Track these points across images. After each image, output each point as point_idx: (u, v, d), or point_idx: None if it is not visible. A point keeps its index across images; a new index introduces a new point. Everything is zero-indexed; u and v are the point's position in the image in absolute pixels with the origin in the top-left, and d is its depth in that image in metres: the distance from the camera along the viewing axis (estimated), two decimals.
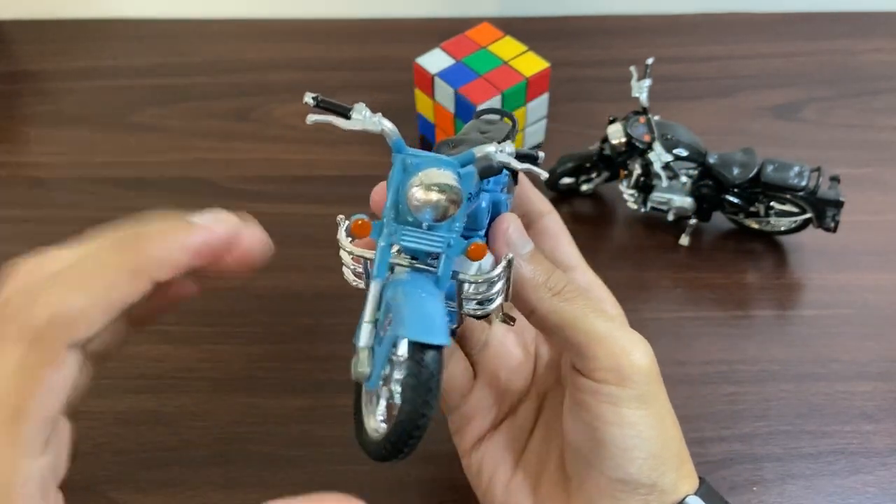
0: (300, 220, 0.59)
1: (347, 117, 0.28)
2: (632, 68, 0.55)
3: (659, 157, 0.54)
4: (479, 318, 0.32)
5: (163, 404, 0.48)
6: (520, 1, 0.77)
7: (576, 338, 0.32)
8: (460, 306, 0.31)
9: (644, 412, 0.31)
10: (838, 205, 0.51)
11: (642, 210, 0.57)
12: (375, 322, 0.28)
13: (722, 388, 0.48)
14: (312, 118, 0.28)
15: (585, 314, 0.32)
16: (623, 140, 0.54)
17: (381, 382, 0.28)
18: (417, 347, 0.26)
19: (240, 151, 0.65)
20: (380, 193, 0.34)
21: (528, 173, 0.31)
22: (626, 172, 0.56)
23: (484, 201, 0.32)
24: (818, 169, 0.53)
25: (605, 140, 0.56)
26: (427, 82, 0.60)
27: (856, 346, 0.51)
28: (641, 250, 0.57)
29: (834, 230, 0.52)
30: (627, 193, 0.56)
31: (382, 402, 0.30)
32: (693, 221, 0.56)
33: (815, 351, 0.50)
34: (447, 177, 0.28)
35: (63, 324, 0.25)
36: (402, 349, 0.27)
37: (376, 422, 0.30)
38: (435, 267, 0.29)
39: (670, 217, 0.56)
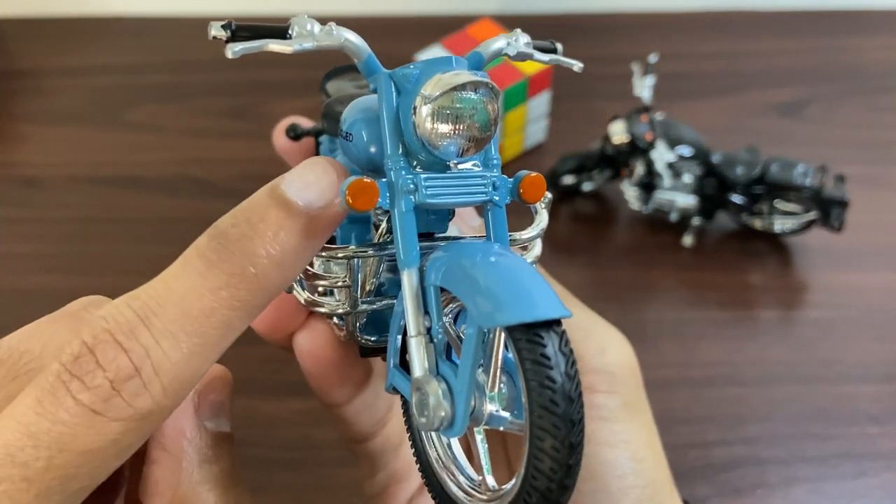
0: None
1: (286, 37, 0.20)
2: (633, 66, 0.54)
3: (662, 156, 0.53)
4: None
5: None
6: None
7: None
8: None
9: (635, 425, 0.27)
10: (843, 204, 0.51)
11: (645, 210, 0.56)
12: (429, 333, 0.19)
13: (726, 390, 0.48)
14: (236, 49, 0.19)
15: (564, 298, 0.27)
16: (625, 139, 0.54)
17: (468, 423, 0.19)
18: (526, 337, 0.16)
19: (237, 150, 0.64)
20: (282, 131, 0.27)
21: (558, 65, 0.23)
22: (627, 171, 0.56)
23: None
24: (823, 167, 0.52)
25: (607, 138, 0.55)
26: None
27: (861, 347, 0.50)
28: (644, 250, 0.56)
29: (839, 230, 0.52)
30: (630, 193, 0.56)
31: (482, 448, 0.21)
32: (696, 221, 0.55)
33: (819, 353, 0.50)
34: (473, 75, 0.18)
35: None
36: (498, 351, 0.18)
37: (470, 477, 0.21)
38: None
39: (673, 217, 0.55)
